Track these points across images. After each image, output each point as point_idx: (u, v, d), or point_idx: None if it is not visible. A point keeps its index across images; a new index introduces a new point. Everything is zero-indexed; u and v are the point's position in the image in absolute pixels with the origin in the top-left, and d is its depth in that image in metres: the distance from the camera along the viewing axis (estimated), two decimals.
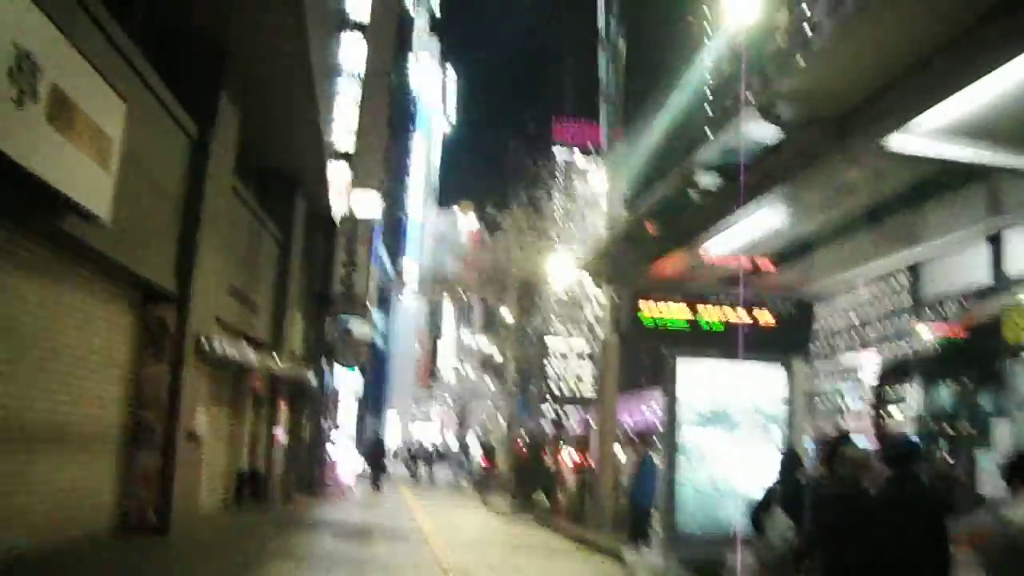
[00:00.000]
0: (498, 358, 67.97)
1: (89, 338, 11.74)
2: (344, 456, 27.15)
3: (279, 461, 20.84)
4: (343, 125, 24.59)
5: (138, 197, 11.68)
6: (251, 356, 16.23)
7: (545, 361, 26.93)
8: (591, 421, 21.19)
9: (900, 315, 13.43)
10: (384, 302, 79.97)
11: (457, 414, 63.77)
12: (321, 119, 19.09)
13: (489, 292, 24.21)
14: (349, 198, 26.63)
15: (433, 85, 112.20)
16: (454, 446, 56.90)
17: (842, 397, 14.55)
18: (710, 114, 19.99)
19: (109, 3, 10.42)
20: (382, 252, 64.22)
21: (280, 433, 20.87)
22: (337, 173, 25.09)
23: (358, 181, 25.61)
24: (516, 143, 36.31)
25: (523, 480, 26.53)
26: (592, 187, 22.26)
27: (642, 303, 11.25)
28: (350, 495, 26.11)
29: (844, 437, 6.31)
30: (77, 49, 8.81)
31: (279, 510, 18.83)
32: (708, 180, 10.96)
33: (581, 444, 21.34)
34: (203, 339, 13.92)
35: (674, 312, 11.57)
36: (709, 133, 16.70)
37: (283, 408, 21.18)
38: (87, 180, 9.43)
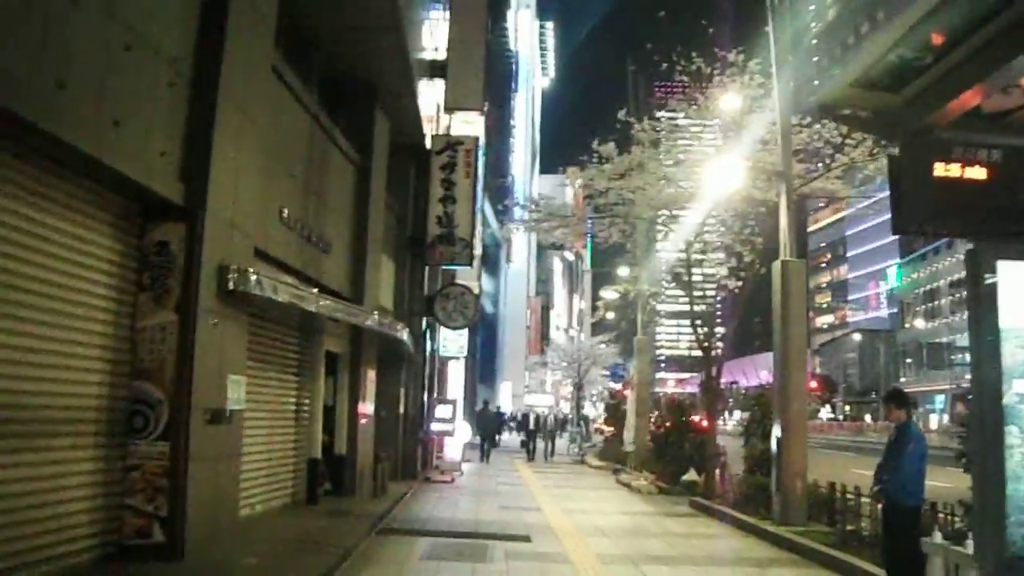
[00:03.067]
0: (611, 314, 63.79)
1: (56, 276, 7.65)
2: (452, 431, 22.74)
3: (366, 442, 16.54)
4: (430, 28, 20.12)
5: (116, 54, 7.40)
6: (318, 302, 11.79)
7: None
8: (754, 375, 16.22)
9: None
10: (493, 266, 76.11)
11: (573, 381, 59.37)
12: (402, 16, 14.65)
13: (614, 230, 19.16)
14: (442, 121, 22.14)
15: (531, 41, 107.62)
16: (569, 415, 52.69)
17: None
18: None
19: None
20: (488, 211, 60.12)
21: (367, 407, 16.54)
22: (428, 91, 20.63)
23: (454, 100, 21.01)
24: (636, 66, 30.82)
25: (666, 454, 21.77)
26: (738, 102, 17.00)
27: (940, 166, 6.32)
28: (458, 478, 21.74)
29: None
30: None
31: (366, 506, 14.51)
32: None
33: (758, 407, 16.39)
34: (232, 271, 9.56)
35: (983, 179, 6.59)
36: None
37: (370, 376, 16.84)
38: None
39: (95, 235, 8.34)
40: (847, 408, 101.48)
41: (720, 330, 21.06)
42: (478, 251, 30.36)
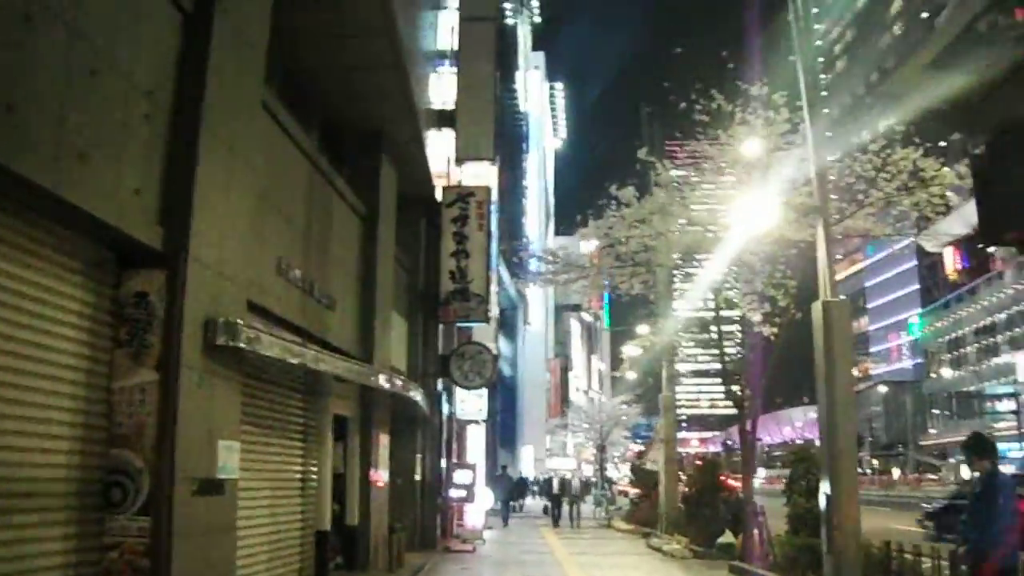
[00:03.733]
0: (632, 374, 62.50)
1: (18, 332, 6.70)
2: (472, 498, 21.55)
3: (380, 511, 15.42)
4: (438, 81, 19.46)
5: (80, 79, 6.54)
6: (319, 358, 10.78)
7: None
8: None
9: None
10: (510, 328, 75.21)
11: (595, 443, 57.99)
12: (404, 54, 13.92)
13: (635, 280, 18.16)
14: (453, 176, 21.38)
15: (541, 103, 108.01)
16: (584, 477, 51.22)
17: None
18: None
19: None
20: (503, 272, 59.32)
21: (379, 474, 15.46)
22: (437, 141, 19.90)
23: (464, 150, 20.24)
24: (651, 109, 29.92)
25: (699, 516, 20.48)
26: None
27: None
28: (480, 547, 20.50)
29: None
30: None
31: None
32: None
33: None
34: (221, 324, 8.61)
35: None
36: None
37: (383, 441, 15.79)
38: None
39: (64, 285, 7.40)
40: (874, 462, 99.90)
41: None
42: (494, 311, 29.45)
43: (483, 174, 22.58)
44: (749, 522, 16.71)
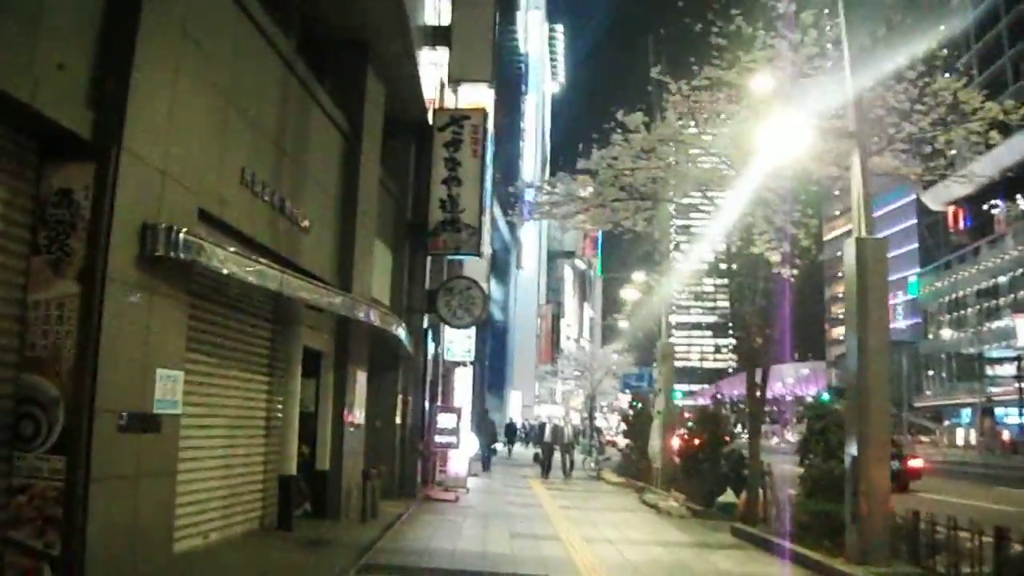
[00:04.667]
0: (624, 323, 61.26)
1: None
2: (457, 444, 20.36)
3: (355, 456, 14.22)
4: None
5: None
6: (283, 279, 9.42)
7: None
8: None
9: None
10: (502, 272, 73.93)
11: (585, 392, 57.18)
12: None
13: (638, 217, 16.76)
14: (446, 94, 19.91)
15: (541, 44, 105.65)
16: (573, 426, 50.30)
17: None
18: None
19: None
20: (497, 214, 57.86)
21: (355, 415, 14.22)
22: (431, 61, 18.40)
23: (460, 69, 18.73)
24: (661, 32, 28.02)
25: (698, 472, 19.34)
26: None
27: None
28: (463, 496, 19.39)
29: None
30: None
31: (352, 532, 12.18)
32: None
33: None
34: (161, 231, 7.27)
35: None
36: None
37: (360, 379, 14.53)
38: None
39: None
40: None
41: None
42: (487, 249, 28.11)
43: (479, 98, 21.08)
44: (756, 482, 15.59)
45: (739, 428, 28.04)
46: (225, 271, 8.10)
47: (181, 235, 7.38)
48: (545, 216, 18.92)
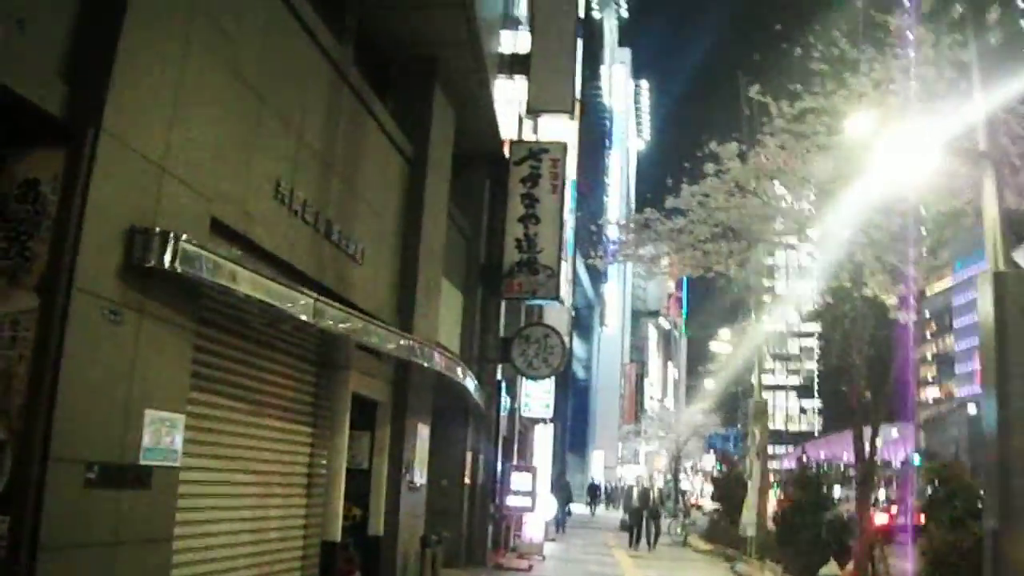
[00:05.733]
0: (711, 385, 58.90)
1: None
2: (531, 506, 18.58)
3: (414, 519, 12.58)
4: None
5: None
6: (315, 307, 7.90)
7: None
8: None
9: None
10: (585, 330, 72.17)
11: (670, 453, 54.84)
12: None
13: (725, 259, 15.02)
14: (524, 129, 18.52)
15: (626, 100, 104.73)
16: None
17: None
18: None
19: None
20: (581, 270, 56.33)
21: (416, 473, 12.61)
22: (507, 89, 17.05)
23: (539, 99, 17.29)
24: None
25: (796, 539, 17.18)
26: None
27: None
28: (538, 564, 17.56)
29: None
30: None
31: None
32: None
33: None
34: (154, 236, 5.84)
35: None
36: None
37: (421, 433, 12.94)
38: None
39: None
40: None
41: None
42: (567, 297, 26.50)
43: (560, 133, 19.61)
44: (863, 552, 13.52)
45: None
46: (241, 291, 6.62)
47: (182, 244, 5.94)
48: (630, 258, 17.15)
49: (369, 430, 11.84)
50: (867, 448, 14.36)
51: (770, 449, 26.96)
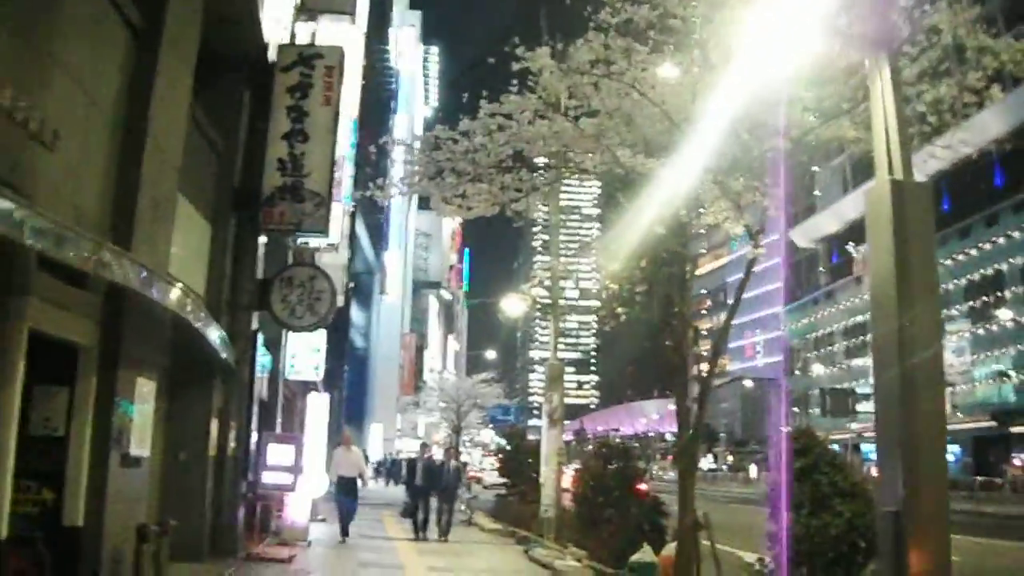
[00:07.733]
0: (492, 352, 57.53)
1: None
2: (292, 485, 15.71)
3: (129, 502, 9.58)
4: None
5: None
6: None
7: None
8: None
9: None
10: (365, 297, 69.31)
11: (451, 425, 53.01)
12: None
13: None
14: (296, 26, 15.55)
15: (414, 64, 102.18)
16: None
17: None
18: None
19: None
20: (361, 231, 53.31)
21: (131, 443, 9.57)
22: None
23: None
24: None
25: (599, 520, 15.27)
26: None
27: None
28: (302, 553, 14.85)
29: None
30: None
31: None
32: None
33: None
34: None
35: None
36: None
37: (142, 389, 9.88)
38: None
39: None
40: (729, 458, 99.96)
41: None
42: (343, 247, 23.71)
43: (340, 39, 16.74)
44: (686, 534, 11.65)
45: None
46: None
47: None
48: (416, 190, 14.50)
49: (68, 385, 8.77)
50: (695, 411, 12.40)
51: (538, 422, 25.47)
